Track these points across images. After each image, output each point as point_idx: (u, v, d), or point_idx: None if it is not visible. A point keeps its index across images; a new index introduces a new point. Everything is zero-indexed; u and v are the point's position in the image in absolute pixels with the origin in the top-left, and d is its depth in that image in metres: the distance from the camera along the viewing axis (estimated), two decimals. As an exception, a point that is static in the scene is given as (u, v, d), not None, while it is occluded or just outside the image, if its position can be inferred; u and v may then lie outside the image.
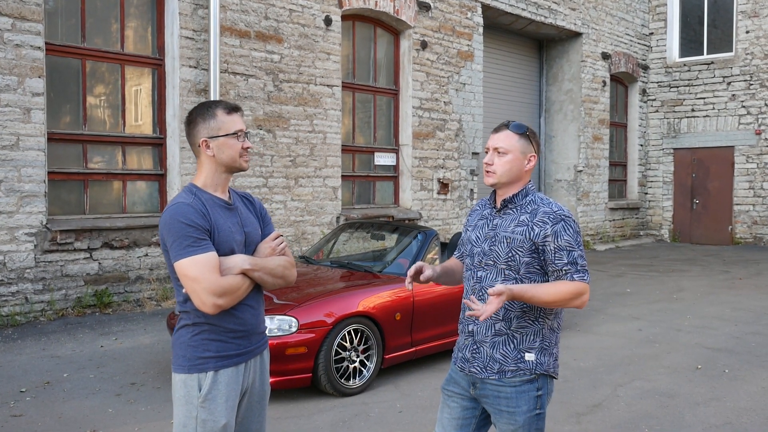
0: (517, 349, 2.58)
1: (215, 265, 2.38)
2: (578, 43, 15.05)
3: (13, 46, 7.05)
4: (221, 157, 2.51)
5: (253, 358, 2.58)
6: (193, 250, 2.35)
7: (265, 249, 2.60)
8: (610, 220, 16.27)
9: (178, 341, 2.50)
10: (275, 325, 5.03)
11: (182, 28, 8.38)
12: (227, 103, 2.56)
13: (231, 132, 2.52)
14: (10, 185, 7.08)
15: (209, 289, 2.34)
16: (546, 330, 2.61)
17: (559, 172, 15.49)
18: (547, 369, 2.60)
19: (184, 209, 2.40)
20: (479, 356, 2.62)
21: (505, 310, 2.58)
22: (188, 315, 2.47)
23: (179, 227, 2.37)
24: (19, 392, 5.14)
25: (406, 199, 11.50)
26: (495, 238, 2.61)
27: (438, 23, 11.69)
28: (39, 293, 7.31)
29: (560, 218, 2.56)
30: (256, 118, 9.14)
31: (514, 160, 2.63)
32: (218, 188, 2.55)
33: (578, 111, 15.12)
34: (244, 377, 2.54)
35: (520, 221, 2.59)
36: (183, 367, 2.45)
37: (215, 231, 2.44)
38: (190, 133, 2.55)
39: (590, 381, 5.69)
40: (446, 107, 11.94)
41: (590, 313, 8.36)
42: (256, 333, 2.58)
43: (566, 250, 2.53)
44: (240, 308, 2.49)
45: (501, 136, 2.65)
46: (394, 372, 5.76)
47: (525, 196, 2.66)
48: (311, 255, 6.95)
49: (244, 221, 2.58)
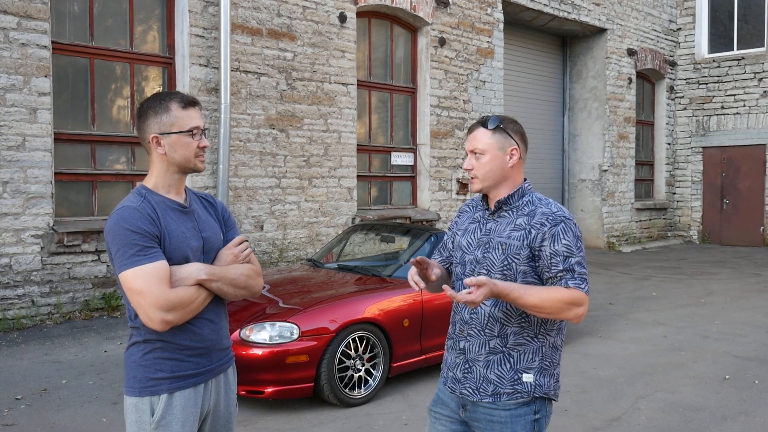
0: (514, 369, 2.31)
1: (163, 275, 2.12)
2: (603, 40, 14.66)
3: (18, 45, 6.94)
4: (173, 156, 2.26)
5: (215, 378, 2.33)
6: (138, 260, 2.11)
7: (227, 256, 2.34)
8: (637, 221, 15.83)
9: (128, 360, 2.25)
10: (276, 332, 4.81)
11: (192, 25, 8.22)
12: (184, 96, 2.29)
13: (185, 129, 2.25)
14: (16, 186, 6.96)
15: (156, 303, 2.09)
16: (547, 348, 2.34)
17: (583, 171, 15.11)
18: (547, 391, 2.33)
19: (129, 214, 2.16)
20: (471, 376, 2.35)
21: (501, 325, 2.31)
22: (138, 331, 2.23)
23: (123, 234, 2.13)
24: (15, 399, 4.99)
25: (424, 200, 11.24)
26: (489, 245, 2.34)
27: (457, 19, 11.41)
28: (45, 296, 7.18)
29: (559, 220, 2.28)
30: (268, 117, 8.95)
31: (493, 159, 2.36)
32: (171, 189, 2.30)
33: (603, 109, 14.73)
34: (204, 399, 2.29)
35: (516, 225, 2.32)
36: (134, 389, 2.21)
37: (166, 237, 2.19)
38: (140, 127, 2.28)
39: (609, 392, 5.39)
40: (465, 105, 11.66)
41: (612, 318, 8.03)
42: (217, 350, 2.33)
43: (563, 255, 2.25)
44: (197, 323, 2.24)
45: (475, 136, 2.39)
46: (402, 381, 5.52)
47: (521, 196, 2.38)
48: (320, 258, 6.73)
49: (202, 225, 2.33)
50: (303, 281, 5.91)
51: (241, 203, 8.70)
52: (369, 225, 7.42)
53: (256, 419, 4.75)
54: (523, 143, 2.42)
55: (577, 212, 15.18)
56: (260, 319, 4.93)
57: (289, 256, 9.17)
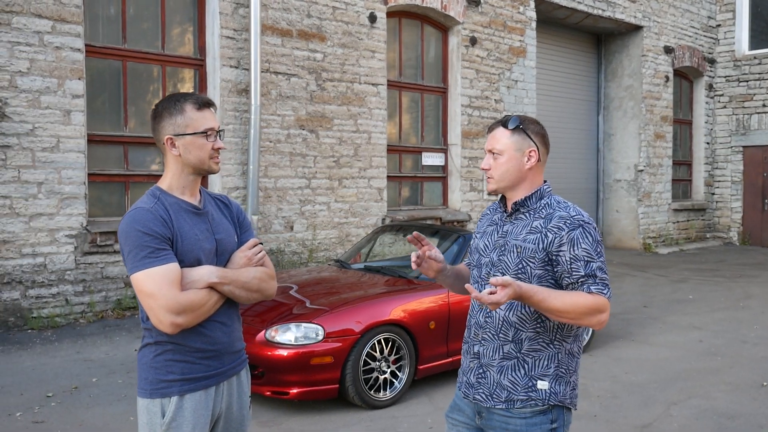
0: (529, 375, 2.25)
1: (174, 278, 2.12)
2: (639, 37, 14.39)
3: (53, 48, 7.05)
4: (188, 157, 2.25)
5: (227, 381, 2.32)
6: (149, 262, 2.10)
7: (240, 259, 2.33)
8: (674, 222, 15.51)
9: (140, 362, 2.26)
10: (301, 333, 4.81)
11: (223, 27, 8.28)
12: (198, 97, 2.28)
13: (200, 130, 2.24)
14: (51, 187, 7.08)
15: (166, 306, 2.08)
16: (563, 355, 2.27)
17: (618, 171, 14.86)
18: (563, 399, 2.26)
19: (142, 215, 2.15)
20: (485, 382, 2.30)
21: (516, 330, 2.25)
22: (150, 333, 2.22)
23: (135, 236, 2.12)
24: (46, 397, 5.07)
25: (455, 200, 11.16)
26: (504, 247, 2.29)
27: (488, 18, 11.31)
28: (79, 295, 7.30)
29: (578, 224, 2.21)
30: (298, 117, 8.97)
31: (510, 160, 2.30)
32: (185, 191, 2.29)
33: (639, 108, 14.46)
34: (216, 402, 2.28)
35: (532, 228, 2.26)
36: (145, 391, 2.21)
37: (178, 239, 2.18)
38: (155, 128, 2.28)
39: (641, 398, 5.27)
40: (497, 105, 11.55)
41: (647, 322, 7.87)
42: (229, 353, 2.31)
43: (584, 260, 2.18)
44: (209, 325, 2.23)
45: (494, 136, 2.34)
46: (428, 383, 5.47)
47: (539, 199, 2.32)
48: (347, 259, 6.72)
49: (216, 227, 2.32)
50: (330, 282, 5.91)
51: (271, 204, 8.73)
52: (397, 226, 7.39)
53: (281, 420, 4.75)
54: (544, 145, 2.35)
55: (612, 213, 14.94)
56: (286, 320, 4.93)
57: (319, 256, 9.18)
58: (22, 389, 5.20)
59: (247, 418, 2.43)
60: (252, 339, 4.85)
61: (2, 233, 6.79)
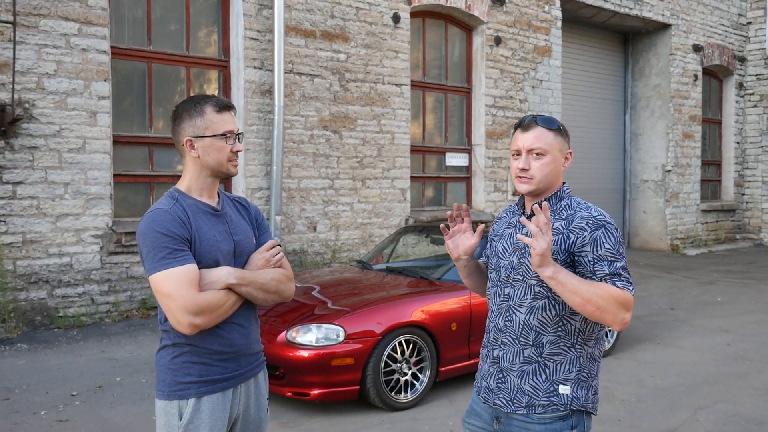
0: (550, 380, 2.20)
1: (192, 279, 2.12)
2: (667, 36, 14.19)
3: (79, 50, 7.14)
4: (207, 159, 2.26)
5: (245, 383, 2.32)
6: (167, 263, 2.11)
7: (258, 260, 2.32)
8: (703, 223, 15.27)
9: (158, 363, 2.27)
10: (322, 334, 4.80)
11: (247, 28, 8.31)
12: (219, 100, 2.29)
13: (219, 133, 2.25)
14: (77, 188, 7.17)
15: (184, 306, 2.09)
16: (584, 358, 2.23)
17: (645, 171, 14.66)
18: (585, 404, 2.22)
19: (161, 217, 2.16)
20: (505, 387, 2.26)
21: (537, 333, 2.21)
22: (168, 335, 2.23)
23: (154, 237, 2.13)
24: (70, 396, 5.13)
25: (479, 201, 11.10)
26: (525, 250, 2.24)
27: (513, 18, 11.23)
28: (104, 294, 7.37)
29: (600, 224, 2.17)
30: (321, 118, 8.98)
31: (553, 162, 2.25)
32: (204, 193, 2.30)
33: (667, 107, 14.26)
34: (233, 404, 2.28)
35: (553, 229, 2.21)
36: (163, 392, 2.22)
37: (196, 240, 2.19)
38: (175, 130, 2.29)
39: (667, 402, 5.18)
40: (522, 105, 11.46)
41: (673, 324, 7.75)
42: (247, 354, 2.31)
43: (607, 260, 2.14)
44: (226, 327, 2.23)
45: (535, 135, 2.25)
46: (450, 385, 5.43)
47: (559, 200, 2.28)
48: (369, 260, 6.70)
49: (234, 229, 2.32)
50: (352, 283, 5.90)
51: (295, 204, 8.75)
52: (419, 227, 7.36)
53: (302, 421, 4.75)
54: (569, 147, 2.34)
55: (639, 214, 14.75)
56: (307, 321, 4.93)
57: (342, 257, 9.18)
58: (47, 388, 5.27)
59: (265, 420, 2.43)
60: (273, 339, 4.86)
61: (30, 233, 6.88)
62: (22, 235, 6.85)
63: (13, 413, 4.74)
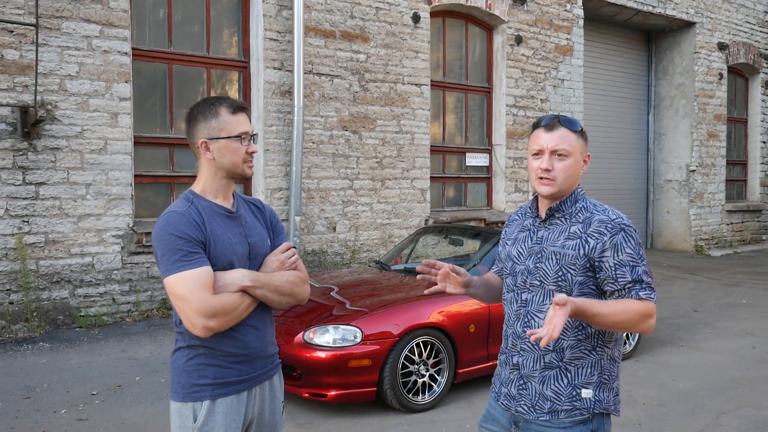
0: (572, 384, 2.18)
1: (206, 281, 2.11)
2: (691, 34, 14.00)
3: (101, 52, 7.20)
4: (222, 161, 2.25)
5: (259, 385, 2.31)
6: (182, 265, 2.10)
7: (273, 262, 2.31)
8: (728, 224, 15.05)
9: (173, 365, 2.27)
10: (339, 335, 4.79)
11: (266, 29, 8.34)
12: (233, 101, 2.28)
13: (234, 134, 2.25)
14: (99, 188, 7.23)
15: (198, 309, 2.08)
16: (605, 361, 2.20)
17: (669, 171, 14.48)
18: (607, 407, 2.19)
19: (175, 219, 2.16)
20: (527, 393, 2.23)
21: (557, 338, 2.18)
22: (183, 336, 2.23)
23: (168, 239, 2.13)
24: (90, 395, 5.17)
25: (500, 201, 11.03)
26: (541, 254, 2.21)
27: (534, 17, 11.14)
28: (125, 294, 7.43)
29: (619, 228, 2.14)
30: (341, 119, 8.98)
31: (575, 164, 2.22)
32: (219, 195, 2.29)
33: (691, 106, 14.07)
34: (248, 406, 2.27)
35: (570, 233, 2.18)
36: (177, 394, 2.22)
37: (211, 242, 2.18)
38: (190, 131, 2.30)
39: (689, 406, 5.10)
40: (543, 105, 11.37)
41: (696, 327, 7.63)
42: (262, 357, 2.30)
43: (629, 266, 2.11)
44: (241, 329, 2.22)
45: (559, 135, 2.20)
46: (468, 387, 5.39)
47: (575, 202, 2.24)
48: (387, 261, 6.68)
49: (249, 231, 2.31)
50: (371, 284, 5.89)
51: (314, 205, 8.76)
52: (438, 227, 7.32)
53: (319, 422, 4.74)
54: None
55: (663, 214, 14.57)
56: (324, 322, 4.93)
57: (362, 257, 9.17)
58: (68, 387, 5.32)
59: (280, 423, 2.42)
60: (291, 340, 4.86)
61: (52, 233, 6.96)
62: (45, 235, 6.92)
63: (34, 412, 4.79)
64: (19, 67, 6.75)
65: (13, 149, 6.74)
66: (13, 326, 6.69)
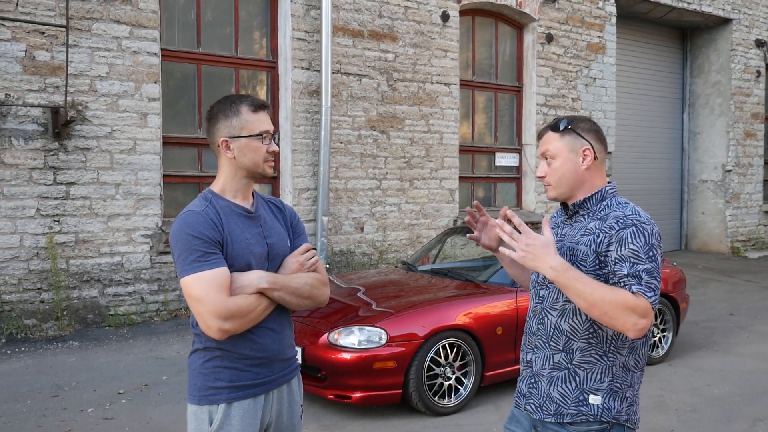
0: (580, 388, 2.10)
1: (223, 283, 2.07)
2: (727, 31, 13.69)
3: (130, 53, 7.26)
4: (242, 160, 2.20)
5: (277, 389, 2.26)
6: (198, 266, 2.06)
7: (292, 264, 2.26)
8: (765, 225, 14.68)
9: (190, 367, 2.23)
10: (364, 337, 4.74)
11: (295, 29, 8.33)
12: (254, 99, 2.24)
13: (255, 133, 2.20)
14: (128, 188, 7.29)
15: (214, 311, 2.04)
16: (617, 368, 2.11)
17: (704, 171, 14.17)
18: (618, 416, 2.10)
19: (193, 219, 2.12)
20: (536, 392, 2.19)
21: (567, 338, 2.11)
22: (199, 338, 2.19)
23: (185, 239, 2.09)
24: (117, 394, 5.19)
25: (530, 202, 10.89)
26: (560, 250, 2.15)
27: (565, 14, 10.98)
28: (154, 293, 7.48)
29: (630, 223, 2.03)
30: (369, 118, 8.94)
31: (565, 163, 2.17)
32: (238, 194, 2.25)
33: (727, 105, 13.75)
34: (265, 410, 2.22)
35: (587, 229, 2.12)
36: (194, 397, 2.18)
37: (228, 243, 2.14)
38: (210, 130, 2.25)
39: (724, 412, 4.95)
40: (574, 104, 11.20)
41: (732, 331, 7.44)
42: (279, 360, 2.25)
43: (629, 261, 1.98)
44: (258, 332, 2.18)
45: (543, 140, 2.23)
46: (495, 391, 5.30)
47: (600, 200, 2.17)
48: (414, 261, 6.62)
49: (268, 231, 2.26)
50: (398, 284, 5.83)
51: (342, 205, 8.73)
52: (466, 228, 7.23)
53: (344, 424, 4.70)
54: (598, 142, 2.20)
55: (698, 215, 14.27)
56: (349, 323, 4.88)
57: (389, 258, 9.12)
58: (95, 385, 5.35)
59: (299, 427, 2.37)
60: (316, 341, 4.82)
61: (82, 233, 7.03)
62: (75, 234, 6.99)
63: (62, 410, 4.82)
64: (50, 68, 6.83)
65: (45, 149, 6.82)
66: (43, 325, 6.77)
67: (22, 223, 6.74)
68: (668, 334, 6.22)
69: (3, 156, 6.64)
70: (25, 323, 6.71)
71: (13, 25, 6.63)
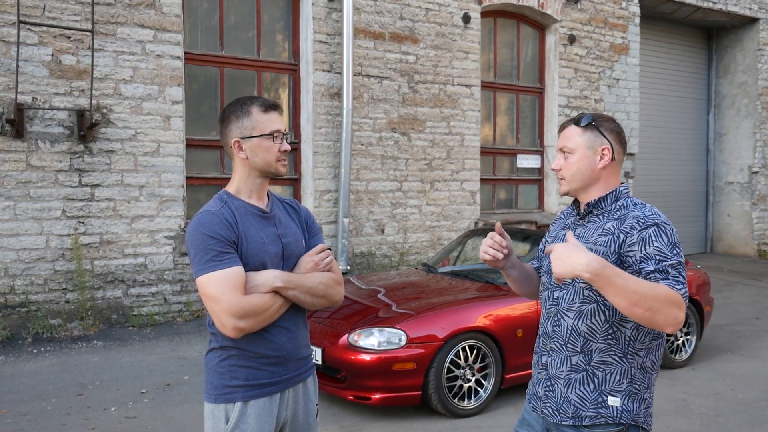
0: (599, 390, 2.09)
1: (237, 282, 2.10)
2: (754, 30, 13.50)
3: (154, 56, 7.34)
4: (255, 160, 2.24)
5: (293, 388, 2.28)
6: (213, 266, 2.09)
7: (307, 263, 2.28)
8: (793, 228, 14.44)
9: (206, 366, 2.26)
10: (384, 338, 4.75)
11: (316, 32, 8.37)
12: (265, 100, 2.27)
13: (266, 132, 2.23)
14: (151, 190, 7.37)
15: (229, 309, 2.06)
16: (636, 369, 2.10)
17: (730, 173, 13.99)
18: (636, 418, 2.09)
19: (208, 219, 2.15)
20: (553, 395, 2.17)
21: (585, 340, 2.10)
22: (215, 337, 2.22)
23: (201, 239, 2.12)
24: (140, 393, 5.25)
25: (552, 204, 10.83)
26: None
27: (588, 15, 10.91)
28: (177, 294, 7.55)
29: (651, 223, 2.03)
30: (390, 120, 8.95)
31: (582, 159, 2.17)
32: (253, 194, 2.28)
33: (754, 105, 13.56)
34: (281, 409, 2.24)
35: (604, 230, 2.10)
36: (210, 395, 2.21)
37: (243, 242, 2.17)
38: (223, 132, 2.29)
39: (748, 417, 4.88)
40: (597, 105, 11.12)
41: (758, 334, 7.33)
42: (295, 359, 2.27)
43: (655, 258, 1.97)
44: (273, 331, 2.20)
45: (564, 134, 2.22)
46: (515, 393, 5.28)
47: (615, 200, 2.16)
48: (435, 263, 6.62)
49: (283, 231, 2.29)
50: (418, 286, 5.83)
51: (363, 207, 8.75)
52: (487, 230, 7.21)
53: (363, 425, 4.71)
54: (619, 143, 2.19)
55: (723, 217, 14.09)
56: (369, 324, 4.89)
57: (410, 260, 9.12)
58: (118, 384, 5.42)
59: (314, 426, 2.39)
60: (335, 342, 4.84)
61: (106, 234, 7.12)
62: (100, 235, 7.09)
63: (86, 408, 4.89)
64: (76, 72, 6.93)
65: (70, 152, 6.92)
66: (68, 324, 6.86)
67: (48, 224, 6.85)
68: (692, 338, 6.16)
69: (30, 158, 6.76)
70: (51, 323, 6.81)
71: (40, 30, 6.74)
